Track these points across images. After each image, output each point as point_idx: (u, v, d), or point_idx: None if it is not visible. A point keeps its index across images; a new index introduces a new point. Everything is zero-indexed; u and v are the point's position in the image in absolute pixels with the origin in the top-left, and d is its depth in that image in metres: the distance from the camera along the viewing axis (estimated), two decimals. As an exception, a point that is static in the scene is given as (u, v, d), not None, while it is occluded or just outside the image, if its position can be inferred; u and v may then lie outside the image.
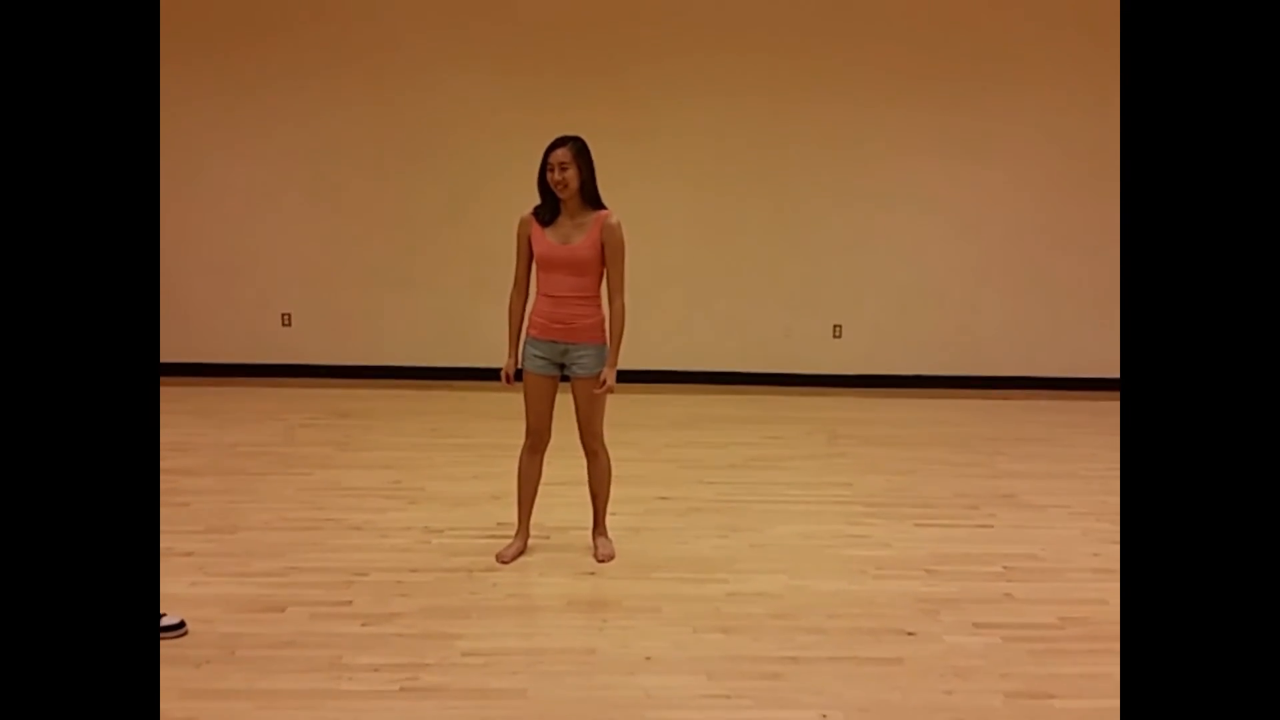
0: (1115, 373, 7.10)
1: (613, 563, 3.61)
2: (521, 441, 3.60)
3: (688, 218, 6.90)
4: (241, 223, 6.86)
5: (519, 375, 3.57)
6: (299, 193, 6.87)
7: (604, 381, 3.45)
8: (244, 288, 6.96)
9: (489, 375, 6.97)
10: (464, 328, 7.02)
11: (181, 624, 2.98)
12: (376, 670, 2.77)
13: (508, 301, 3.54)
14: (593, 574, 3.51)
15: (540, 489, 3.65)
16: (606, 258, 3.41)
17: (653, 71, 6.72)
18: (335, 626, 3.04)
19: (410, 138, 6.81)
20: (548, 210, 3.40)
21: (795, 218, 6.96)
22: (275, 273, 6.95)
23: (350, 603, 3.21)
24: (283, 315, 7.02)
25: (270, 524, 3.96)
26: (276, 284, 6.97)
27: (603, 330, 3.48)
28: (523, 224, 3.47)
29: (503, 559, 3.61)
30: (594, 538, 3.74)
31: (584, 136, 3.41)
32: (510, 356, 3.54)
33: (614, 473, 3.71)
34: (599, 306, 3.47)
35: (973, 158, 6.87)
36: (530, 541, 3.71)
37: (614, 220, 3.40)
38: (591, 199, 3.40)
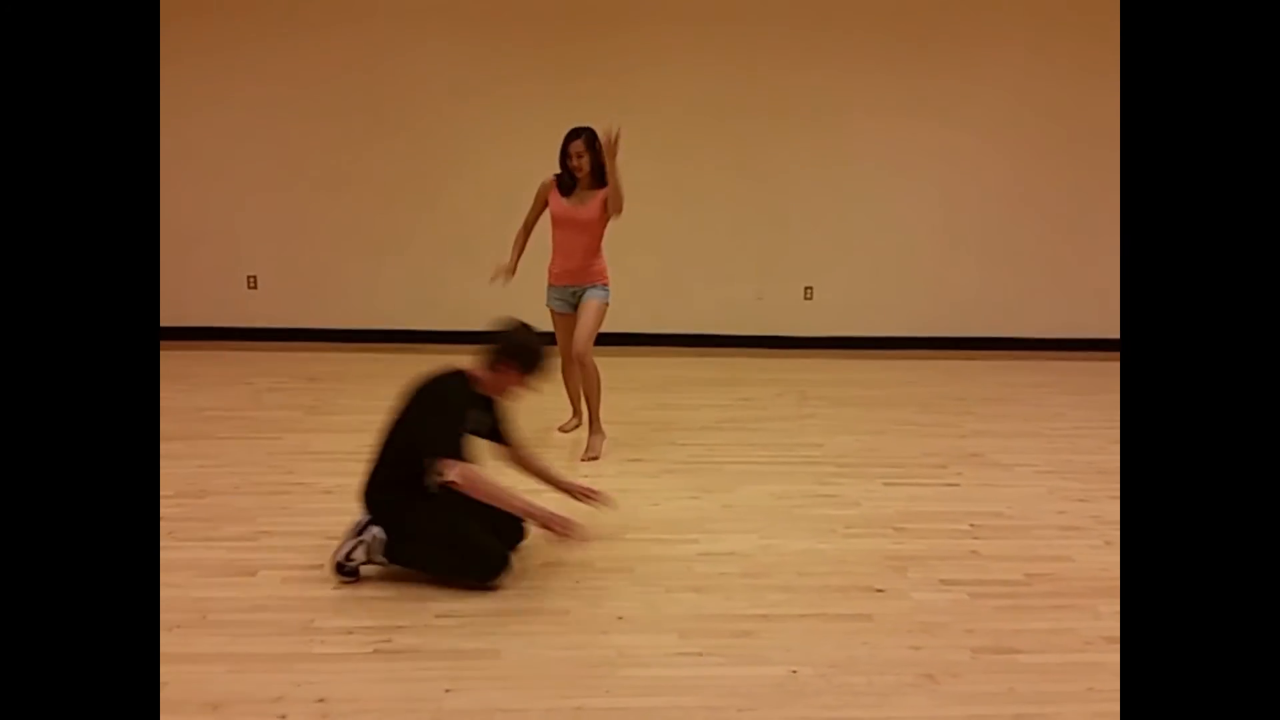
0: (1081, 333, 7.19)
1: (586, 525, 3.62)
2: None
3: (660, 183, 6.85)
4: (206, 185, 6.74)
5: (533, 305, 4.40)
6: (265, 155, 6.75)
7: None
8: (209, 250, 6.85)
9: (459, 339, 6.92)
10: (434, 291, 6.97)
11: None
12: (350, 633, 2.77)
13: (513, 237, 4.49)
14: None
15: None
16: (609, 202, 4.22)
17: (624, 41, 6.64)
18: (307, 590, 3.04)
19: (379, 101, 6.70)
20: (567, 184, 4.27)
21: (766, 182, 6.94)
22: (241, 235, 6.85)
23: (322, 566, 3.20)
24: (249, 278, 6.93)
25: (239, 488, 3.94)
26: (242, 246, 6.87)
27: (604, 274, 4.42)
28: (544, 186, 4.34)
29: (563, 429, 4.75)
30: (589, 436, 4.43)
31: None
32: (509, 260, 4.45)
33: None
34: (601, 257, 4.40)
35: (942, 120, 6.87)
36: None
37: None
38: (599, 179, 4.21)
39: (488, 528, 3.11)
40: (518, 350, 3.16)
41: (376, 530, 3.09)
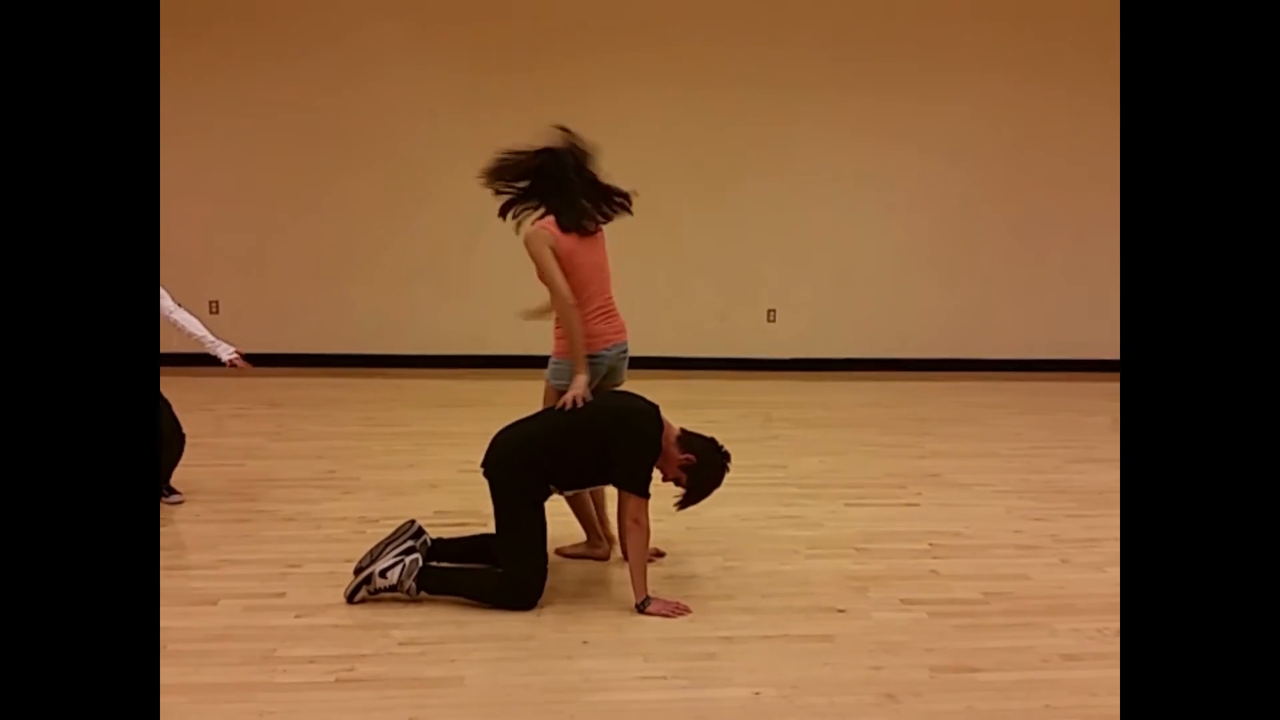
0: (1038, 354, 7.32)
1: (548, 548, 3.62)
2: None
3: (623, 203, 6.90)
4: (166, 209, 6.66)
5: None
6: (226, 180, 6.72)
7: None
8: (170, 275, 6.75)
9: (423, 363, 6.92)
10: (397, 315, 6.95)
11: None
12: (312, 662, 2.76)
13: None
14: (530, 560, 3.52)
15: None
16: None
17: (586, 64, 6.71)
18: (269, 619, 3.01)
19: (343, 127, 6.71)
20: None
21: (728, 204, 7.02)
22: (202, 259, 6.79)
23: (284, 595, 3.18)
24: (210, 303, 6.87)
25: (201, 516, 3.90)
26: (203, 271, 6.81)
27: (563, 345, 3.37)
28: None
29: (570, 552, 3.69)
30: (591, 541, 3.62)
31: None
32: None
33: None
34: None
35: (902, 142, 7.00)
36: (467, 529, 3.71)
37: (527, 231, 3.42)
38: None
39: None
40: (709, 468, 3.22)
41: (418, 555, 3.12)
